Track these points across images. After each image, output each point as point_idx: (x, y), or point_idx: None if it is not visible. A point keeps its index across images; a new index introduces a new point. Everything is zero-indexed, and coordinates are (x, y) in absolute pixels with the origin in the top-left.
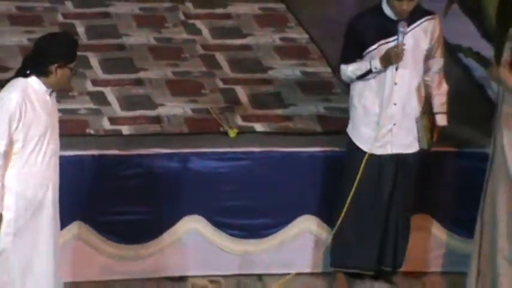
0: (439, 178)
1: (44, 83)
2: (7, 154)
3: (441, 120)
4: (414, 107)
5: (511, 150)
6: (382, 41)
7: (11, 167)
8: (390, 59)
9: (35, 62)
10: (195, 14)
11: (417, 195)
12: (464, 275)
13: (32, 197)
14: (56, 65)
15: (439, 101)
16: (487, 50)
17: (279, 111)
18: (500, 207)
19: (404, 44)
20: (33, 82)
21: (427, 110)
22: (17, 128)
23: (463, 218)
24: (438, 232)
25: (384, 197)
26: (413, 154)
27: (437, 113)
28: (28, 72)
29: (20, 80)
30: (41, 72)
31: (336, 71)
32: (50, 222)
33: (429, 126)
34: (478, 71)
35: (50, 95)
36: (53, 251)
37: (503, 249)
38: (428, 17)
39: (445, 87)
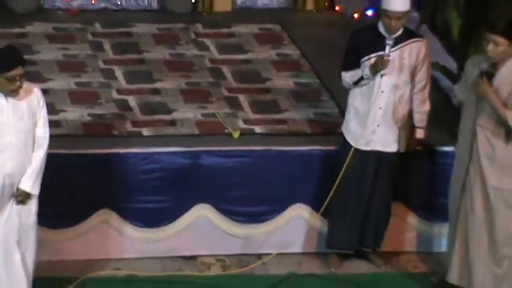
0: (412, 172)
1: None
2: None
3: (419, 133)
4: (397, 113)
5: (486, 160)
6: (374, 54)
7: None
8: (377, 67)
9: None
10: (204, 33)
11: (393, 187)
12: (432, 254)
13: None
14: None
15: (420, 117)
16: (451, 63)
17: (275, 116)
18: (476, 206)
19: (389, 55)
20: None
21: (409, 122)
22: None
23: (431, 206)
24: (410, 218)
25: (367, 187)
26: (392, 153)
27: (417, 127)
28: None
29: None
30: None
31: (333, 80)
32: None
33: (409, 135)
34: (444, 81)
35: (6, 98)
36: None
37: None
38: (417, 39)
39: (427, 106)
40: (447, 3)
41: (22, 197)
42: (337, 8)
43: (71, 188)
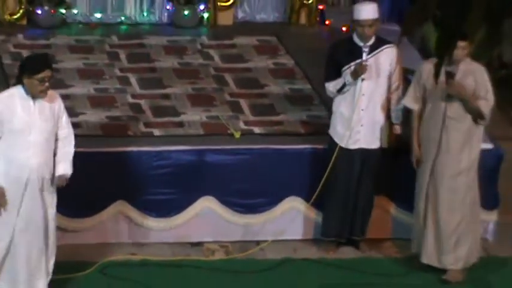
0: (393, 169)
1: (25, 91)
2: None
3: (397, 129)
4: (378, 113)
5: (456, 144)
6: (353, 62)
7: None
8: (357, 73)
9: (18, 74)
10: (208, 44)
11: (377, 181)
12: (409, 241)
13: (14, 177)
14: (24, 76)
15: (396, 114)
16: None
17: (272, 118)
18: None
19: (367, 61)
20: (20, 90)
21: (389, 120)
22: None
23: (411, 198)
24: (392, 209)
25: (354, 182)
26: (376, 149)
27: (394, 124)
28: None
29: (13, 88)
30: (19, 82)
31: (322, 87)
32: (32, 197)
33: (389, 132)
34: None
35: (34, 101)
36: (33, 222)
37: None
38: (389, 45)
39: (401, 105)
40: (426, 19)
41: (64, 182)
42: (327, 22)
43: (91, 182)
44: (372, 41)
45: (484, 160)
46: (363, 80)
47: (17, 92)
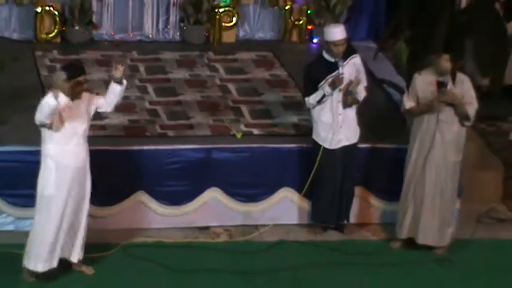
0: (371, 164)
1: (64, 94)
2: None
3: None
4: (350, 112)
5: (449, 142)
6: (329, 76)
7: (55, 143)
8: (335, 84)
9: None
10: (214, 58)
11: (357, 174)
12: (386, 225)
13: (66, 161)
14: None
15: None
16: (401, 82)
17: (269, 121)
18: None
19: (343, 73)
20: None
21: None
22: None
23: (386, 189)
24: (370, 198)
25: (338, 175)
26: (355, 143)
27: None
28: None
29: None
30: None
31: (303, 102)
32: (80, 180)
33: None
34: (396, 96)
35: (73, 101)
36: (84, 201)
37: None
38: (355, 55)
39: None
40: (398, 37)
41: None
42: (315, 40)
43: (114, 176)
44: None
45: None
46: (340, 90)
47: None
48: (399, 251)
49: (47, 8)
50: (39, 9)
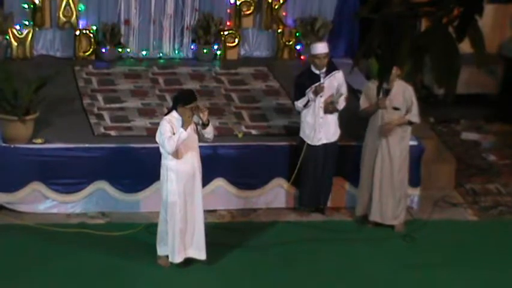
0: (346, 158)
1: (179, 116)
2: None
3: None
4: (331, 117)
5: (391, 138)
6: (313, 85)
7: (175, 161)
8: (317, 92)
9: (172, 104)
10: (220, 72)
11: (336, 167)
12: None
13: (183, 171)
14: (179, 105)
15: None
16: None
17: (264, 124)
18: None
19: (323, 83)
20: (175, 114)
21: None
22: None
23: (358, 178)
24: (346, 185)
25: (319, 167)
26: (334, 141)
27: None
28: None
29: (170, 114)
30: (174, 109)
31: (292, 107)
32: (197, 184)
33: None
34: None
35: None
36: (201, 202)
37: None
38: (337, 71)
39: (343, 106)
40: (370, 55)
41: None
42: (302, 57)
43: (138, 168)
44: (324, 69)
45: (412, 152)
46: (321, 96)
47: (172, 116)
48: (371, 229)
49: (84, 31)
50: (77, 32)
